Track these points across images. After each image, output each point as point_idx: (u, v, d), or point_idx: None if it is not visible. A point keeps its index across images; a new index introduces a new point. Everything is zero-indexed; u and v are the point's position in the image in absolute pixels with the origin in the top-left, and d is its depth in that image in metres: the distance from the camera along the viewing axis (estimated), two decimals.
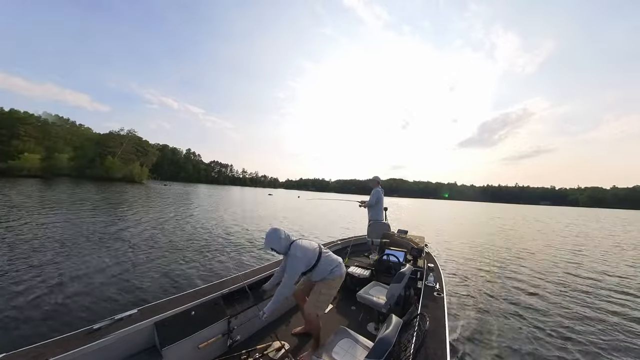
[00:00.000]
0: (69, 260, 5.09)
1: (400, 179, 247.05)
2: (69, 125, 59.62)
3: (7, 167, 37.54)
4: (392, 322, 1.55)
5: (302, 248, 2.11)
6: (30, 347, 1.49)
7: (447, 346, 1.76)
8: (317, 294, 2.20)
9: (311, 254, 2.14)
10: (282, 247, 2.10)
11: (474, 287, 5.16)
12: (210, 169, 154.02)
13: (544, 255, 8.61)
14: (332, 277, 2.19)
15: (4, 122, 41.74)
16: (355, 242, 4.73)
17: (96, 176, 48.36)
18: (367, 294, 2.74)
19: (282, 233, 2.13)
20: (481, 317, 3.89)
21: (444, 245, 9.44)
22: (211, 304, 2.20)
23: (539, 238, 12.82)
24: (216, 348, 2.15)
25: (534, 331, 3.57)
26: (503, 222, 21.04)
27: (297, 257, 2.06)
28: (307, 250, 2.12)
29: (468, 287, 5.14)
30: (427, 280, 2.77)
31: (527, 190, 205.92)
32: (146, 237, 7.61)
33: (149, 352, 1.81)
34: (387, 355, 1.35)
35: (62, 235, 6.95)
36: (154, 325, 1.83)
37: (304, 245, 2.14)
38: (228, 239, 8.17)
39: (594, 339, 3.44)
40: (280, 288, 2.03)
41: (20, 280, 4.07)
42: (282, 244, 2.09)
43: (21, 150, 40.29)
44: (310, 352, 2.19)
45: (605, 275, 6.55)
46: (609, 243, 12.11)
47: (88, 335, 1.62)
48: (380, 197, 4.66)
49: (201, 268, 5.33)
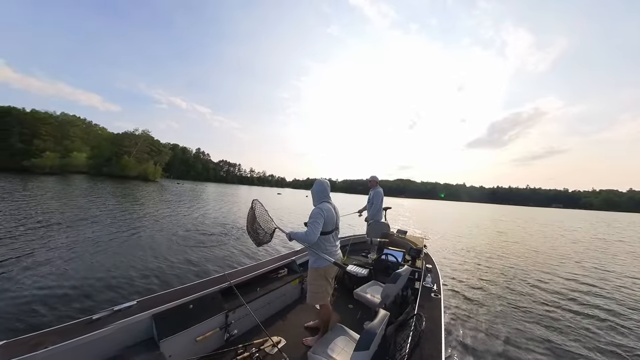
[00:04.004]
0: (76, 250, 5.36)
1: (408, 179, 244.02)
2: (85, 125, 62.06)
3: (30, 165, 39.56)
4: (378, 315, 1.56)
5: (328, 210, 2.20)
6: (30, 335, 1.52)
7: (442, 347, 1.74)
8: (308, 284, 2.33)
9: (330, 220, 2.20)
10: (314, 198, 2.31)
11: (471, 289, 5.13)
12: (219, 168, 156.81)
13: (543, 259, 8.40)
14: (315, 265, 2.24)
15: (26, 122, 43.92)
16: (355, 240, 4.72)
17: (112, 174, 50.14)
18: (364, 292, 2.74)
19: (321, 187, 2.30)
20: (478, 319, 3.88)
21: (443, 247, 9.35)
22: (209, 298, 2.24)
23: (540, 241, 12.45)
24: (213, 342, 2.19)
25: (530, 335, 3.54)
26: (506, 225, 20.47)
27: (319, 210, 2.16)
28: (330, 212, 2.21)
29: (465, 289, 5.11)
30: (424, 281, 2.75)
31: (538, 192, 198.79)
32: (170, 230, 7.90)
33: (147, 343, 1.83)
34: (376, 347, 1.35)
35: (81, 229, 7.29)
36: (152, 317, 1.87)
37: (329, 209, 2.22)
38: (236, 234, 8.36)
39: (591, 344, 3.42)
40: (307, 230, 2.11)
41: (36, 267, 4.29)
42: (314, 195, 2.31)
43: (43, 149, 42.32)
44: (306, 348, 2.21)
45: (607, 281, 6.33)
46: (621, 249, 11.57)
47: (87, 325, 1.65)
48: (379, 197, 4.64)
49: (203, 262, 5.47)
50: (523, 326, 3.77)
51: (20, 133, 42.54)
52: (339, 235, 2.43)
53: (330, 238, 2.27)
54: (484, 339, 3.36)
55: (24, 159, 39.99)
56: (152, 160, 60.16)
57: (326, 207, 2.22)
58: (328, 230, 2.21)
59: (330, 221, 2.20)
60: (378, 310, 1.66)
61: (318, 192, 2.31)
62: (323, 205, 2.23)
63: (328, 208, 2.22)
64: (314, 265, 2.25)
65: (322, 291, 2.24)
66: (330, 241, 2.27)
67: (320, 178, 2.40)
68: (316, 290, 2.25)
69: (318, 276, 2.24)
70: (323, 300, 2.27)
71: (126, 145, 56.53)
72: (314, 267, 2.25)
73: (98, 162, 51.19)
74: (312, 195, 2.34)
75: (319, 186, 2.32)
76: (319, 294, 2.25)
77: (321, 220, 2.12)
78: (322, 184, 2.33)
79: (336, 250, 2.33)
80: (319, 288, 2.24)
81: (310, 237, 2.07)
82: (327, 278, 2.26)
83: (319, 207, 2.20)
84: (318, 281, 2.24)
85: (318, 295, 2.25)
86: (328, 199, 2.32)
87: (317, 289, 2.24)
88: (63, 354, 1.48)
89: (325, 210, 2.18)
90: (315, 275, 2.25)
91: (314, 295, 2.26)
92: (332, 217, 2.22)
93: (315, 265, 2.25)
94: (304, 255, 3.44)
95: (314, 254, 2.23)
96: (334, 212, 2.27)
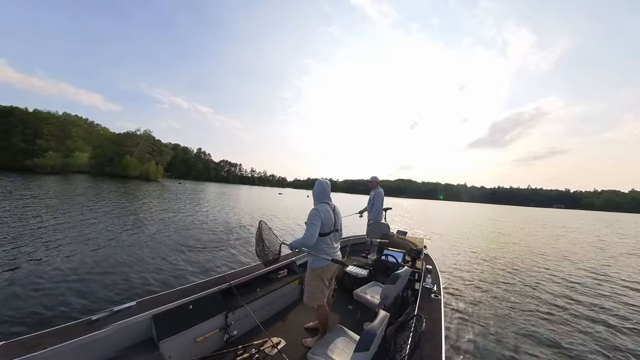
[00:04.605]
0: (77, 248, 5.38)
1: (409, 179, 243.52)
2: (87, 125, 62.39)
3: (33, 164, 39.77)
4: (378, 316, 1.56)
5: (325, 211, 2.19)
6: (30, 336, 1.52)
7: (442, 348, 1.73)
8: (305, 285, 2.31)
9: (327, 222, 2.18)
10: (314, 199, 2.32)
11: (471, 290, 5.12)
12: (220, 168, 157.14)
13: (543, 259, 8.39)
14: (313, 266, 2.23)
15: (29, 122, 44.18)
16: (355, 241, 4.71)
17: (114, 174, 50.34)
18: (364, 293, 2.73)
19: (320, 189, 2.30)
20: (478, 320, 3.87)
21: (443, 248, 9.34)
22: (209, 298, 2.24)
23: (540, 242, 12.42)
24: (213, 342, 2.19)
25: (531, 336, 3.53)
26: (506, 225, 20.43)
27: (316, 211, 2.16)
28: (327, 214, 2.20)
29: (466, 290, 5.10)
30: (424, 282, 2.74)
31: (539, 193, 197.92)
32: (169, 229, 7.93)
33: (146, 344, 1.83)
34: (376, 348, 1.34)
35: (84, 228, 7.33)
36: (151, 318, 1.87)
37: (327, 210, 2.21)
38: (237, 235, 8.38)
39: (591, 345, 3.41)
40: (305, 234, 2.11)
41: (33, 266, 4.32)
42: (314, 196, 2.32)
43: (45, 149, 42.55)
44: (306, 349, 2.21)
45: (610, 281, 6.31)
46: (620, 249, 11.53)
47: (86, 326, 1.65)
48: (380, 198, 4.63)
49: (203, 262, 5.49)
50: (523, 327, 3.76)
51: (22, 133, 42.82)
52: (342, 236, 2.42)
53: (328, 240, 2.24)
54: (484, 340, 3.35)
55: (26, 158, 40.24)
56: (153, 160, 60.39)
57: (324, 208, 2.21)
58: (325, 232, 2.19)
59: (327, 222, 2.18)
60: (378, 311, 1.66)
61: (318, 193, 2.30)
62: (321, 206, 2.21)
63: (326, 209, 2.21)
64: (311, 265, 2.24)
65: (318, 292, 2.23)
66: (327, 243, 2.24)
67: (320, 178, 2.39)
68: (312, 290, 2.24)
69: (315, 277, 2.23)
70: (319, 301, 2.25)
71: (128, 145, 56.72)
72: (311, 268, 2.24)
73: (100, 161, 51.41)
74: (313, 196, 2.34)
75: (319, 187, 2.31)
76: (315, 294, 2.23)
77: (318, 222, 2.10)
78: (321, 185, 2.32)
79: (334, 252, 2.28)
80: (315, 289, 2.23)
81: (308, 240, 2.06)
82: (323, 279, 2.23)
83: (316, 208, 2.19)
84: (314, 282, 2.23)
85: (314, 295, 2.24)
86: (328, 200, 2.30)
87: (314, 289, 2.23)
88: (62, 354, 1.48)
89: (323, 211, 2.17)
90: (312, 275, 2.25)
91: (311, 296, 2.25)
92: (329, 219, 2.20)
93: (312, 266, 2.24)
94: (304, 256, 3.44)
95: (311, 255, 2.22)
96: (332, 214, 2.24)
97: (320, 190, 2.30)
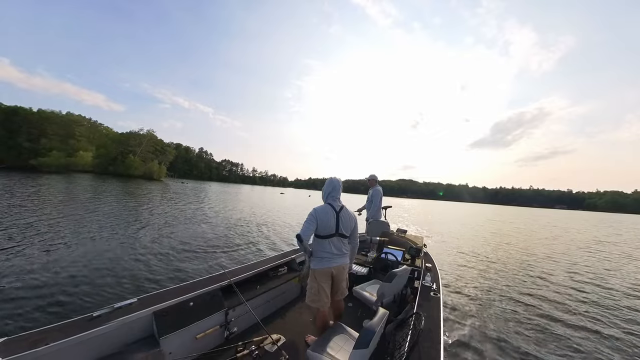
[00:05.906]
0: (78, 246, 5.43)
1: (410, 179, 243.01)
2: (90, 124, 62.81)
3: (37, 163, 40.18)
4: (378, 314, 1.57)
5: (324, 213, 2.06)
6: (31, 332, 1.53)
7: (441, 346, 1.74)
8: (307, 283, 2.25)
9: (324, 224, 2.04)
10: (323, 195, 2.21)
11: (471, 289, 5.12)
12: (221, 168, 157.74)
13: (543, 259, 8.35)
14: (311, 266, 2.18)
15: (33, 121, 44.58)
16: None
17: (117, 173, 50.78)
18: (364, 290, 2.74)
19: (329, 188, 2.18)
20: (477, 318, 3.87)
21: (443, 246, 9.32)
22: (209, 295, 2.25)
23: (540, 242, 12.34)
24: (213, 339, 2.20)
25: (529, 334, 3.53)
26: (507, 226, 20.35)
27: (313, 211, 2.07)
28: (325, 216, 2.05)
29: (465, 288, 5.10)
30: (424, 280, 2.74)
31: (542, 193, 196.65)
32: (171, 228, 7.98)
33: (147, 340, 1.84)
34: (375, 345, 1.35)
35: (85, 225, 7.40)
36: (152, 315, 1.88)
37: (325, 212, 2.06)
38: (239, 232, 8.45)
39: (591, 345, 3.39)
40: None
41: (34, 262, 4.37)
42: (322, 194, 2.23)
43: (49, 148, 42.94)
44: (305, 346, 2.22)
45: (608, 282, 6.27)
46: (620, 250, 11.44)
47: (88, 322, 1.66)
48: (378, 196, 4.63)
49: (203, 259, 5.53)
50: (522, 325, 3.75)
51: (27, 132, 43.24)
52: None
53: (326, 244, 2.07)
54: (483, 338, 3.35)
55: (31, 157, 40.67)
56: (156, 160, 60.77)
57: (323, 209, 2.08)
58: (322, 235, 2.05)
59: (325, 225, 2.04)
60: (377, 309, 1.66)
61: (325, 191, 2.18)
62: (322, 207, 2.11)
63: (325, 211, 2.07)
64: (311, 265, 2.20)
65: (313, 293, 2.15)
66: (324, 246, 2.08)
67: (331, 176, 2.21)
68: (310, 290, 2.19)
69: (312, 277, 2.19)
70: (316, 304, 2.14)
71: (131, 145, 57.14)
72: (311, 268, 2.21)
73: (103, 161, 51.87)
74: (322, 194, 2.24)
75: (328, 186, 2.17)
76: (312, 295, 2.18)
77: (312, 222, 2.00)
78: (331, 184, 2.17)
79: (331, 258, 2.09)
80: (312, 289, 2.18)
81: (301, 236, 1.96)
82: (318, 280, 2.13)
83: (315, 208, 2.09)
84: (311, 281, 2.19)
85: (312, 296, 2.19)
86: (334, 200, 2.13)
87: (310, 289, 2.19)
88: (64, 350, 1.49)
89: (320, 212, 2.05)
90: (310, 275, 2.21)
91: (309, 296, 2.22)
92: (327, 221, 2.04)
93: (311, 266, 2.21)
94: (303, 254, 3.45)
95: (321, 253, 2.13)
96: (332, 216, 2.06)
97: (328, 189, 2.16)
